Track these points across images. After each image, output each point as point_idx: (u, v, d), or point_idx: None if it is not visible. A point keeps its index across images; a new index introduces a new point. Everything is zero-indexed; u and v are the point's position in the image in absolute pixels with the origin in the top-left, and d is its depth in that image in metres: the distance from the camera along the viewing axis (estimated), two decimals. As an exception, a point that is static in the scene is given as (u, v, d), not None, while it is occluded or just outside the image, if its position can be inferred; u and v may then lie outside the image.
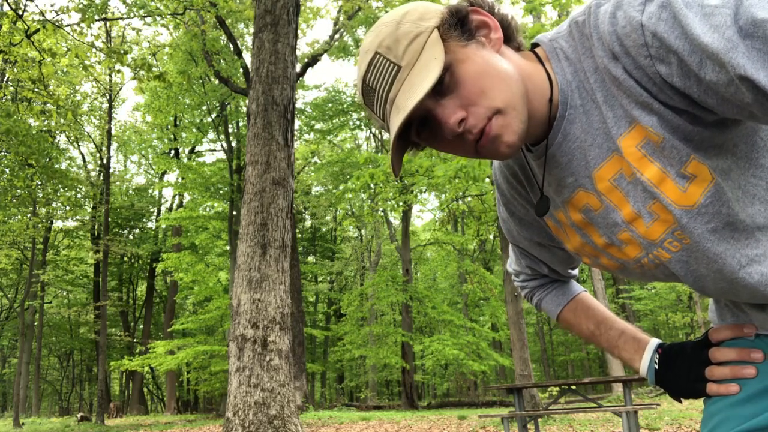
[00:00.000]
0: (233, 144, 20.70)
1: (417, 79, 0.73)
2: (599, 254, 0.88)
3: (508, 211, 1.02)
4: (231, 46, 16.64)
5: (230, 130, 21.10)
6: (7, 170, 16.94)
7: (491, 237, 27.55)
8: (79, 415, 21.21)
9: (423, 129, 0.80)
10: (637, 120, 0.72)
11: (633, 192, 0.77)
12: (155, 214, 30.71)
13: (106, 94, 22.61)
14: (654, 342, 0.96)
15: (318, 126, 23.69)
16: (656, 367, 0.93)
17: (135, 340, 28.39)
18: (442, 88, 0.74)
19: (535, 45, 0.83)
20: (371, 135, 26.64)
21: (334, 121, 23.69)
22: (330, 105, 23.03)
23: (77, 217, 25.07)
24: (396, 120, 0.74)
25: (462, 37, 0.76)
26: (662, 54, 0.66)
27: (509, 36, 0.82)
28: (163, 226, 26.83)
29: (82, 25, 9.83)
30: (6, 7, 9.55)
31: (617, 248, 0.84)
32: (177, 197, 28.97)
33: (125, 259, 31.15)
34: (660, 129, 0.71)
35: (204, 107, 20.78)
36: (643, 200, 0.76)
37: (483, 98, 0.74)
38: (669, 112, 0.70)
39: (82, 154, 28.25)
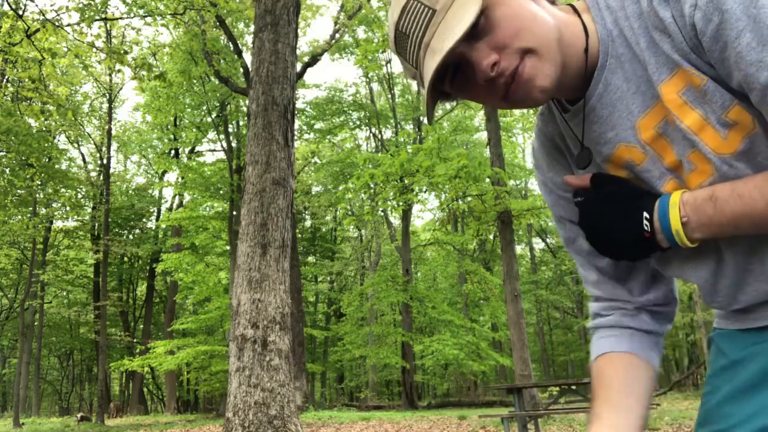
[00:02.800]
0: (233, 144, 20.69)
1: (453, 21, 0.73)
2: None
3: (554, 200, 0.96)
4: (231, 45, 16.64)
5: (230, 130, 21.10)
6: (8, 170, 16.93)
7: (491, 237, 27.54)
8: (79, 415, 21.21)
9: (456, 76, 0.79)
10: (679, 65, 0.73)
11: (675, 139, 0.76)
12: (155, 214, 30.70)
13: (106, 95, 22.63)
14: None
15: (318, 126, 23.69)
16: None
17: (135, 340, 28.37)
18: (477, 31, 0.74)
19: None
20: (371, 135, 26.64)
21: (334, 120, 23.70)
22: (330, 105, 23.04)
23: (77, 217, 25.07)
24: (431, 63, 0.74)
25: None
26: (709, 8, 0.67)
27: None
28: (163, 226, 26.81)
29: (82, 24, 9.82)
30: (6, 7, 9.55)
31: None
32: (177, 197, 28.95)
33: (125, 259, 31.14)
34: (703, 73, 0.71)
35: (204, 107, 20.77)
36: (684, 148, 0.75)
37: (516, 40, 0.74)
38: (705, 64, 0.72)
39: (82, 154, 28.28)
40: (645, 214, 0.75)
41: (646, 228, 0.75)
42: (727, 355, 0.85)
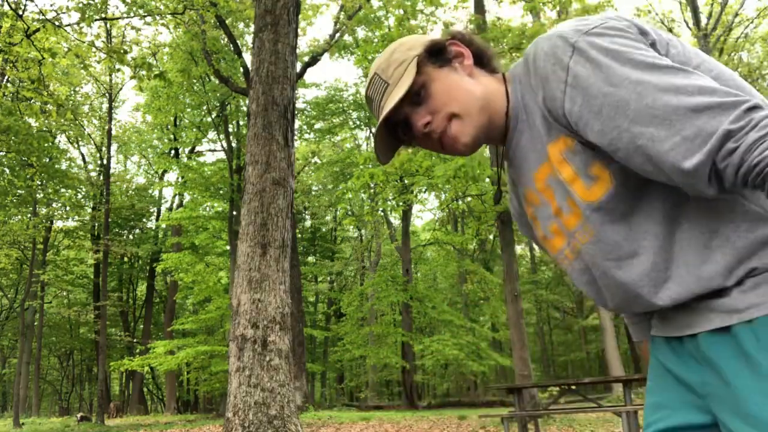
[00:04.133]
0: (233, 144, 20.69)
1: (397, 92, 0.99)
2: (544, 248, 1.08)
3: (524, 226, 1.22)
4: (231, 45, 16.64)
5: (230, 130, 21.09)
6: (8, 170, 16.93)
7: (491, 237, 27.54)
8: (79, 415, 21.21)
9: (406, 130, 1.05)
10: (560, 132, 0.93)
11: (557, 189, 0.96)
12: (155, 214, 30.70)
13: (106, 95, 22.63)
14: None
15: (318, 126, 23.68)
16: None
17: (135, 340, 28.36)
18: (419, 99, 1.01)
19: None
20: (371, 135, 26.63)
21: (334, 120, 23.68)
22: (330, 105, 23.03)
23: (77, 217, 25.07)
24: (380, 118, 1.02)
25: (437, 63, 1.02)
26: (573, 93, 0.88)
27: (484, 62, 1.05)
28: (163, 226, 26.82)
29: (82, 24, 9.82)
30: (6, 7, 9.54)
31: (549, 241, 1.04)
32: (177, 197, 28.95)
33: (125, 259, 31.14)
34: (572, 136, 0.92)
35: (204, 107, 20.77)
36: (563, 196, 0.96)
37: (445, 107, 1.00)
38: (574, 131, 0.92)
39: (83, 155, 28.25)
40: None
41: None
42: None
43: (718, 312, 0.88)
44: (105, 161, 22.79)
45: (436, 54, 1.02)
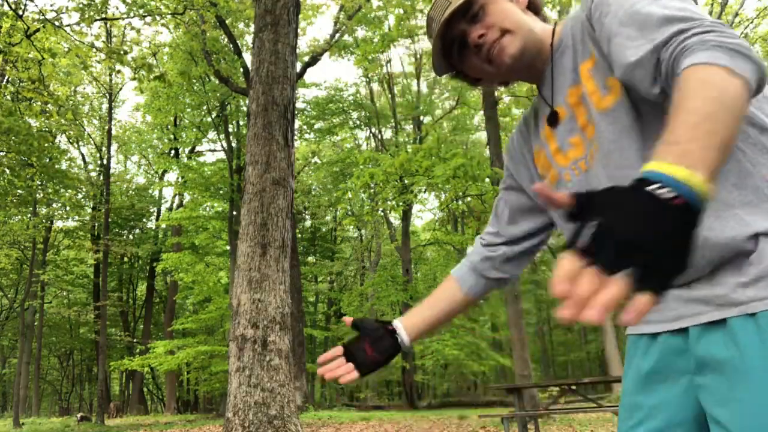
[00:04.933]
0: (233, 144, 20.68)
1: (455, 4, 1.11)
2: (550, 166, 1.15)
3: (510, 158, 1.29)
4: (231, 45, 16.64)
5: (230, 130, 21.09)
6: (8, 170, 16.93)
7: (491, 237, 27.49)
8: (79, 415, 21.20)
9: (460, 48, 1.14)
10: (591, 50, 1.04)
11: (585, 104, 1.05)
12: (155, 214, 30.69)
13: (106, 95, 22.62)
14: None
15: (318, 125, 23.68)
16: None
17: (135, 340, 28.36)
18: (477, 18, 1.11)
19: None
20: (371, 135, 26.64)
21: (334, 120, 23.68)
22: (330, 105, 23.02)
23: (77, 217, 25.06)
24: (439, 27, 1.12)
25: None
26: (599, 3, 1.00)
27: (536, 9, 1.18)
28: (163, 226, 26.81)
29: (82, 24, 9.82)
30: (6, 7, 9.54)
31: (563, 153, 1.11)
32: (177, 197, 28.95)
33: (125, 259, 31.13)
34: (596, 50, 1.03)
35: (204, 107, 20.77)
36: (587, 109, 1.04)
37: (499, 22, 1.10)
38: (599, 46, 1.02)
39: (83, 155, 28.23)
40: (658, 191, 0.62)
41: (673, 196, 0.62)
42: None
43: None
44: (105, 161, 22.79)
45: None
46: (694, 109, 0.71)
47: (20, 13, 9.50)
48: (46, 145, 15.82)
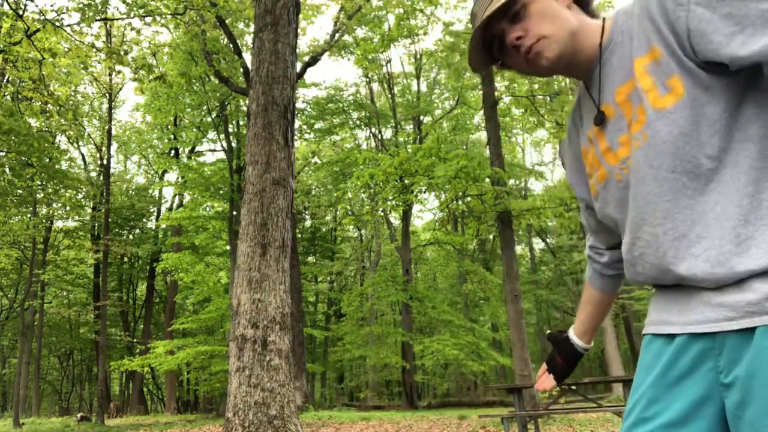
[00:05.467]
0: (233, 144, 20.68)
1: (495, 4, 1.12)
2: (599, 165, 1.14)
3: (571, 173, 1.30)
4: (231, 45, 16.63)
5: (230, 130, 21.08)
6: (8, 170, 16.93)
7: (491, 237, 27.53)
8: (79, 415, 21.20)
9: (499, 45, 1.17)
10: (653, 42, 1.00)
11: (635, 102, 1.03)
12: (155, 214, 30.69)
13: (106, 95, 22.62)
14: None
15: (318, 125, 23.68)
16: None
17: (135, 340, 28.36)
18: (518, 18, 1.12)
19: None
20: (371, 135, 26.63)
21: (334, 120, 23.68)
22: (330, 105, 23.01)
23: (77, 217, 25.06)
24: (480, 24, 1.15)
25: None
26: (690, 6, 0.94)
27: (584, 3, 1.17)
28: (163, 226, 26.81)
29: (82, 24, 9.82)
30: (6, 7, 9.53)
31: (613, 153, 1.10)
32: (177, 197, 28.94)
33: (125, 259, 31.13)
34: (662, 46, 0.98)
35: (204, 107, 20.76)
36: (637, 105, 1.03)
37: (537, 27, 1.11)
38: (672, 39, 0.97)
39: (83, 155, 28.23)
40: None
41: None
42: None
43: None
44: (105, 161, 22.78)
45: None
46: None
47: (20, 13, 9.51)
48: (46, 145, 15.81)
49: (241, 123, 21.48)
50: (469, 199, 19.43)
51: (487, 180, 13.25)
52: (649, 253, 1.03)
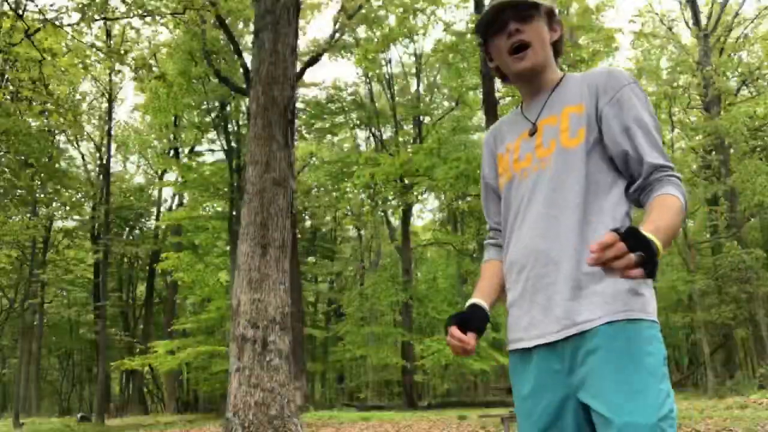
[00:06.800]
0: (233, 144, 20.67)
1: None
2: (508, 169, 1.51)
3: (488, 162, 1.66)
4: (231, 45, 16.63)
5: (230, 130, 21.07)
6: (8, 170, 16.93)
7: (491, 237, 27.47)
8: (79, 415, 21.21)
9: (499, 29, 1.48)
10: (583, 100, 1.42)
11: (548, 133, 1.45)
12: (155, 214, 30.67)
13: (106, 95, 22.61)
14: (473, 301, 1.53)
15: (318, 125, 23.67)
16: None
17: (135, 340, 28.35)
18: (524, 19, 1.45)
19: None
20: (371, 134, 26.63)
21: (334, 119, 23.67)
22: (330, 105, 23.00)
23: (77, 217, 25.06)
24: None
25: (548, 23, 1.51)
26: (615, 96, 1.42)
27: (557, 50, 1.54)
28: (163, 226, 26.80)
29: (82, 24, 9.81)
30: (6, 7, 9.53)
31: (519, 162, 1.48)
32: (177, 197, 28.94)
33: (125, 259, 31.12)
34: (589, 108, 1.41)
35: (204, 107, 20.75)
36: (550, 137, 1.43)
37: (533, 37, 1.46)
38: (593, 106, 1.42)
39: (82, 154, 28.19)
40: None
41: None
42: None
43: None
44: (105, 161, 22.77)
45: (550, 17, 1.52)
46: (668, 214, 1.25)
47: (20, 12, 9.50)
48: (45, 144, 15.82)
49: (241, 123, 21.48)
50: (469, 199, 19.42)
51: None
52: None
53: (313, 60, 16.98)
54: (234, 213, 19.63)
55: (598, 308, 1.27)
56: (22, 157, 16.54)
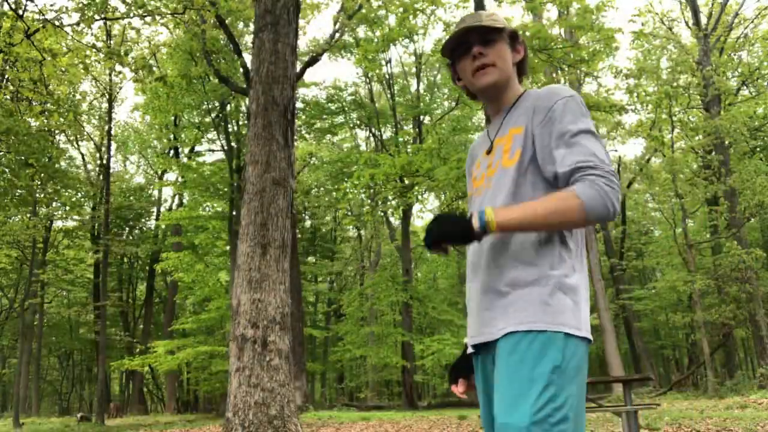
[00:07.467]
0: (233, 144, 20.67)
1: (494, 24, 1.57)
2: (474, 182, 1.63)
3: (468, 179, 1.75)
4: (231, 45, 16.62)
5: (230, 130, 21.07)
6: (8, 170, 16.93)
7: (491, 237, 27.45)
8: (79, 415, 21.20)
9: (464, 52, 1.59)
10: (526, 122, 1.51)
11: (497, 152, 1.55)
12: (155, 213, 30.68)
13: (106, 95, 22.61)
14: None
15: (318, 125, 23.66)
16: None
17: (135, 340, 28.36)
18: (487, 42, 1.56)
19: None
20: (371, 134, 26.63)
21: (333, 119, 23.66)
22: (330, 104, 23.00)
23: (77, 217, 25.05)
24: (470, 23, 1.58)
25: (510, 44, 1.62)
26: (548, 114, 1.48)
27: (521, 70, 1.64)
28: (163, 226, 26.81)
29: (82, 25, 9.81)
30: (6, 7, 9.53)
31: (477, 180, 1.61)
32: (177, 197, 28.93)
33: (125, 259, 31.12)
34: (529, 130, 1.49)
35: (204, 107, 20.74)
36: (499, 155, 1.54)
37: (495, 58, 1.56)
38: (531, 129, 1.50)
39: (82, 154, 28.20)
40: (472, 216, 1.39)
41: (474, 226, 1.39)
42: None
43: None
44: (105, 161, 22.77)
45: (513, 39, 1.62)
46: (539, 203, 1.37)
47: (20, 13, 9.50)
48: (45, 144, 15.82)
49: (241, 123, 21.47)
50: (469, 199, 19.39)
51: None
52: None
53: (313, 60, 16.97)
54: (234, 213, 19.63)
55: (502, 320, 1.40)
56: (22, 157, 16.54)
